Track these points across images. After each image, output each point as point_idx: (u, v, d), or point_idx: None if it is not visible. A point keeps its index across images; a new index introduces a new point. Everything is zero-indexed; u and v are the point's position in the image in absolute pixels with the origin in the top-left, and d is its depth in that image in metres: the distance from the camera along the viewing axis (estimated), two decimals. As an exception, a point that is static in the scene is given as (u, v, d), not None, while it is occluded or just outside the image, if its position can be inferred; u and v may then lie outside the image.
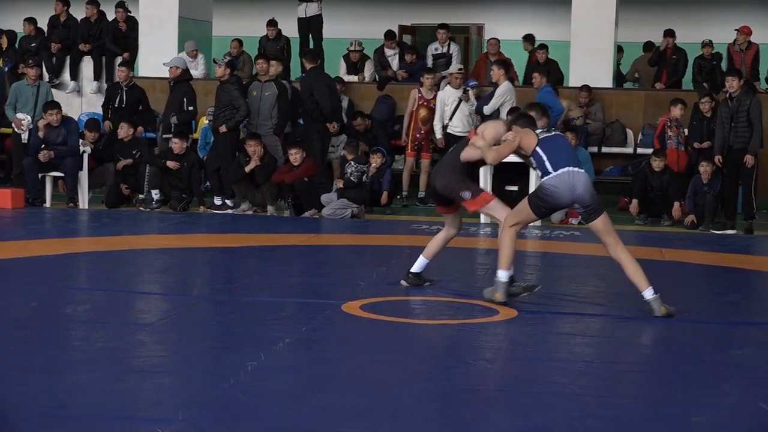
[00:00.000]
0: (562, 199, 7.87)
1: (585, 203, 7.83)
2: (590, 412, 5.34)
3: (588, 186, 7.84)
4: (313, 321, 7.33)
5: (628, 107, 16.84)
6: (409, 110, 15.43)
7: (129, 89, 15.49)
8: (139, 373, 5.84)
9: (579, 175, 7.83)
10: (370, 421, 5.07)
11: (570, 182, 7.79)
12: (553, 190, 7.81)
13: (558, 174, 7.80)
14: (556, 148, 7.91)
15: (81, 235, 12.59)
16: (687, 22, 22.80)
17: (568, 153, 7.95)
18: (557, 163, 7.83)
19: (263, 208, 14.28)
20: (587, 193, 7.82)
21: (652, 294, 7.76)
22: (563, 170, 7.80)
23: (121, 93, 15.45)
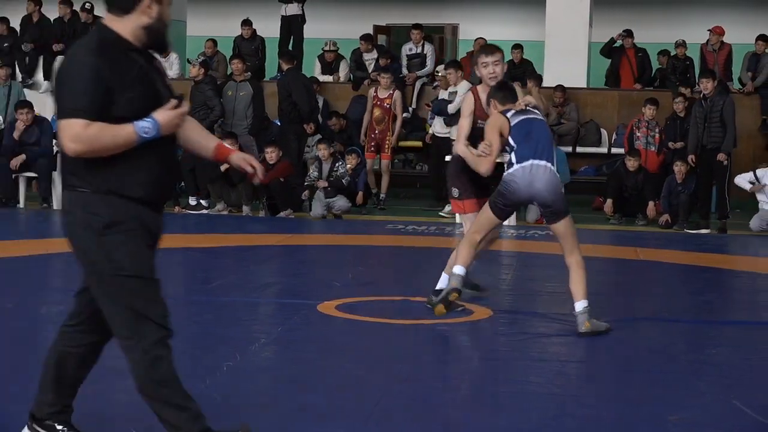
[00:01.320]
0: (519, 194, 7.18)
1: (544, 202, 7.18)
2: (567, 412, 5.35)
3: (550, 184, 7.13)
4: (289, 321, 7.31)
5: (603, 107, 16.90)
6: (369, 110, 15.36)
7: None
8: (115, 374, 5.80)
9: (541, 170, 7.14)
10: (345, 422, 5.06)
11: (529, 176, 7.12)
12: (511, 185, 7.16)
13: (521, 166, 7.14)
14: (525, 136, 7.21)
15: (55, 235, 12.51)
16: (660, 22, 22.92)
17: (537, 143, 7.20)
18: (523, 154, 7.17)
19: (238, 209, 14.25)
20: (547, 191, 7.12)
21: (583, 308, 7.14)
22: (526, 163, 7.13)
23: None
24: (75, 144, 3.95)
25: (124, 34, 4.06)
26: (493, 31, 21.85)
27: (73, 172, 4.09)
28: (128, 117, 3.98)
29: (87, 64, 3.96)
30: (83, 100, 3.92)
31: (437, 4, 24.24)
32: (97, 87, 3.93)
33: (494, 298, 8.08)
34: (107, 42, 4.03)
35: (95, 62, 3.96)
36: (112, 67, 3.97)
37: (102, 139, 3.96)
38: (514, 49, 17.67)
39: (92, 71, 3.94)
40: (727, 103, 13.55)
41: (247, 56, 16.27)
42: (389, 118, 15.13)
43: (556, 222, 7.19)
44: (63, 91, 3.97)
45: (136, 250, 4.17)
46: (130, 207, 4.10)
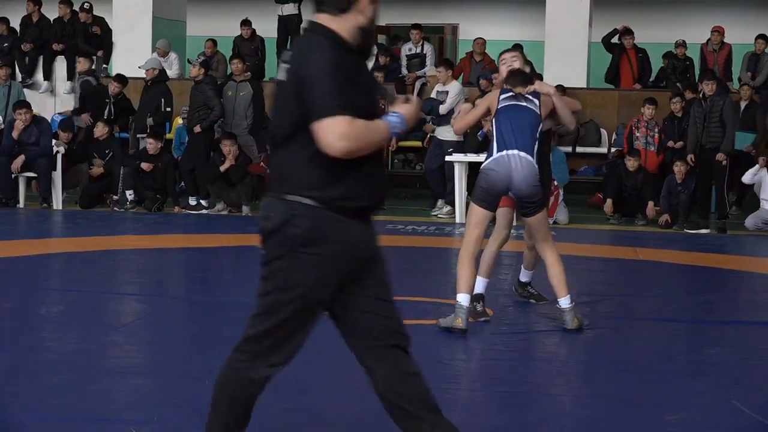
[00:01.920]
0: (497, 184, 7.01)
1: (520, 194, 7.05)
2: (565, 412, 5.36)
3: (528, 177, 6.98)
4: (288, 321, 7.30)
5: (602, 107, 16.88)
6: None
7: (117, 101, 15.43)
8: (113, 374, 5.82)
9: (520, 161, 7.00)
10: (344, 423, 5.06)
11: (508, 166, 6.98)
12: (489, 174, 7.03)
13: (499, 155, 7.02)
14: (509, 121, 7.12)
15: (55, 235, 12.53)
16: (660, 22, 22.92)
17: (519, 132, 7.08)
18: (503, 142, 7.05)
19: (238, 209, 14.25)
20: (525, 184, 6.99)
21: (569, 303, 7.14)
22: (504, 152, 7.01)
23: (109, 105, 15.36)
24: (343, 142, 3.75)
25: (342, 34, 3.93)
26: (492, 31, 21.84)
27: (288, 181, 3.90)
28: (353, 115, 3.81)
29: (330, 62, 3.82)
30: (339, 98, 3.77)
31: (437, 4, 24.23)
32: (343, 84, 3.80)
33: (494, 298, 8.08)
34: (335, 40, 3.90)
35: (337, 59, 3.84)
36: (345, 65, 3.86)
37: (367, 135, 3.82)
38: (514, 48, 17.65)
39: (337, 68, 3.81)
40: (727, 104, 13.56)
41: (246, 56, 16.26)
42: None
43: (532, 215, 7.12)
44: (312, 92, 3.79)
45: (321, 276, 3.96)
46: (338, 223, 3.91)
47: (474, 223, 7.16)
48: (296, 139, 3.86)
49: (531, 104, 7.25)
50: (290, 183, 3.88)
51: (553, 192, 14.01)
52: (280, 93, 3.95)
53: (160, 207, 14.23)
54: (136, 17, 17.91)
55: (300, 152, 3.86)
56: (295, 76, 3.86)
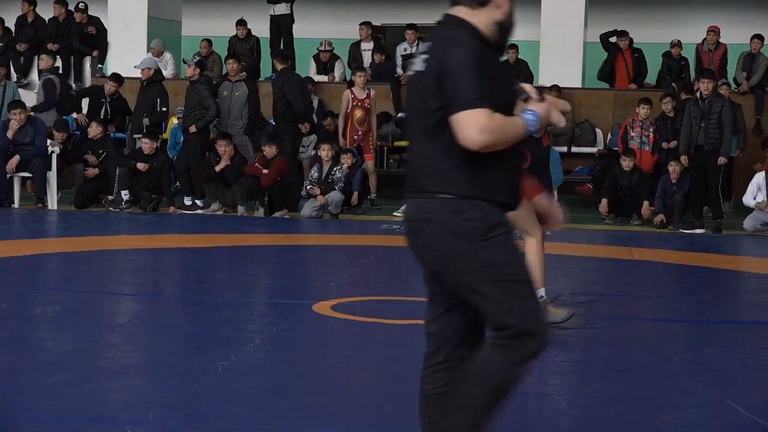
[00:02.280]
0: None
1: None
2: (561, 412, 5.36)
3: None
4: (284, 321, 7.31)
5: (598, 107, 16.89)
6: (344, 112, 15.01)
7: (113, 100, 15.42)
8: (109, 375, 5.82)
9: None
10: (340, 422, 5.06)
11: None
12: None
13: None
14: None
15: (50, 235, 12.52)
16: (655, 22, 22.93)
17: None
18: None
19: (233, 209, 14.24)
20: None
21: (541, 297, 6.89)
22: None
23: (105, 104, 15.34)
24: (483, 135, 3.70)
25: (480, 28, 3.90)
26: (488, 31, 21.83)
27: (434, 177, 3.83)
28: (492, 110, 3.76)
29: (473, 55, 3.78)
30: (479, 90, 3.71)
31: (432, 4, 24.07)
32: (483, 77, 3.76)
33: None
34: (475, 35, 3.86)
35: (479, 52, 3.79)
36: (485, 59, 3.82)
37: (505, 130, 3.76)
38: (509, 49, 17.66)
39: (478, 61, 3.76)
40: (725, 105, 13.58)
41: (242, 56, 16.27)
42: (369, 117, 15.03)
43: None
44: (453, 84, 3.74)
45: (515, 254, 3.91)
46: (497, 211, 3.86)
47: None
48: (439, 133, 3.80)
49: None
50: (437, 179, 3.81)
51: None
52: (418, 86, 3.88)
53: (155, 207, 14.23)
54: (131, 17, 17.89)
55: (445, 146, 3.80)
56: (435, 68, 3.81)
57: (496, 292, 3.82)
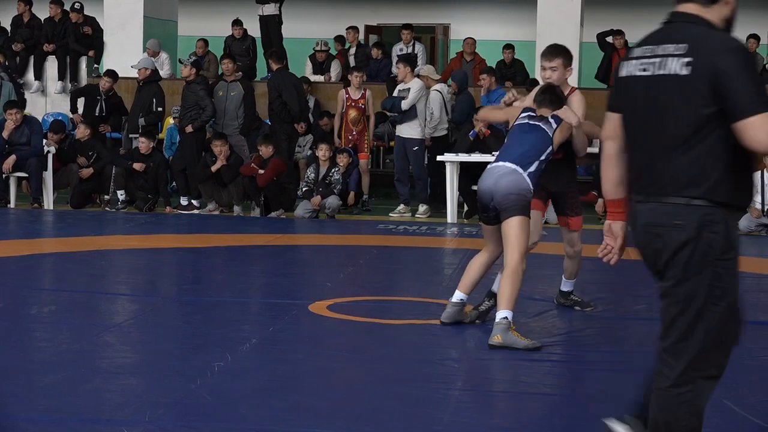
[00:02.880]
0: (480, 193, 6.96)
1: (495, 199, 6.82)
2: (557, 411, 5.37)
3: (502, 182, 6.79)
4: (280, 321, 7.32)
5: (594, 107, 16.73)
6: (339, 111, 15.05)
7: (108, 98, 15.40)
8: (106, 375, 5.82)
9: (499, 169, 6.88)
10: (336, 422, 5.07)
11: (488, 175, 6.91)
12: (479, 186, 7.02)
13: (489, 167, 7.03)
14: (513, 138, 7.10)
15: (46, 235, 12.52)
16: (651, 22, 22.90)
17: (515, 147, 6.98)
18: (498, 156, 7.07)
19: (230, 209, 14.25)
20: (497, 187, 6.79)
21: (502, 318, 6.63)
22: (494, 163, 7.00)
23: (100, 102, 15.33)
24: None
25: (716, 24, 3.83)
26: (484, 31, 21.85)
27: (690, 183, 3.73)
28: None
29: (750, 56, 3.71)
30: (765, 94, 3.61)
31: (428, 4, 24.23)
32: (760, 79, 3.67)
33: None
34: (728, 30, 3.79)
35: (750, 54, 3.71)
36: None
37: None
38: (506, 49, 17.71)
39: (754, 62, 3.68)
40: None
41: (237, 56, 16.27)
42: (364, 117, 15.04)
43: (505, 218, 6.79)
44: (738, 87, 3.63)
45: (737, 281, 3.84)
46: (736, 227, 3.81)
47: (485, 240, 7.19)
48: (701, 138, 3.71)
49: (546, 126, 7.08)
50: (697, 186, 3.72)
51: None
52: (674, 89, 3.76)
53: (151, 207, 14.23)
54: (127, 17, 17.89)
55: (706, 152, 3.70)
56: (709, 71, 3.68)
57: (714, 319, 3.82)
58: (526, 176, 6.86)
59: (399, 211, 14.29)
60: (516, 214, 6.77)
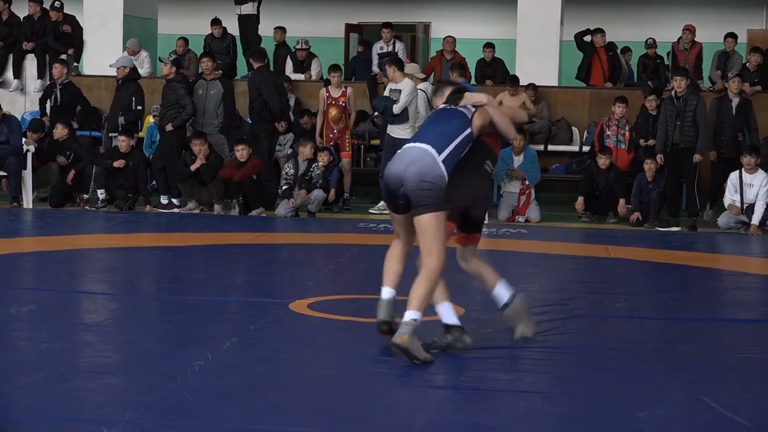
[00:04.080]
0: (388, 179, 6.36)
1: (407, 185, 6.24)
2: (537, 410, 5.37)
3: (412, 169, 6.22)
4: (260, 320, 7.31)
5: (574, 105, 16.94)
6: (321, 110, 15.01)
7: (63, 87, 15.26)
8: (85, 374, 5.80)
9: (410, 152, 6.34)
10: (317, 421, 5.06)
11: (396, 158, 6.37)
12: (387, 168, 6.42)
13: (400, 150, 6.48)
14: (425, 122, 6.75)
15: (25, 234, 12.46)
16: (631, 20, 23.02)
17: (429, 128, 6.52)
18: (411, 137, 6.62)
19: (210, 207, 14.22)
20: (408, 174, 6.22)
21: (411, 319, 6.18)
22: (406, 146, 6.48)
23: (55, 91, 15.24)
24: None
25: None
26: (465, 30, 21.86)
27: None
28: None
29: None
30: None
31: (409, 3, 24.24)
32: None
33: (467, 297, 8.08)
34: None
35: None
36: None
37: None
38: (486, 47, 17.72)
39: None
40: (700, 104, 13.66)
41: (217, 54, 16.23)
42: (345, 116, 15.03)
43: (419, 214, 6.25)
44: None
45: None
46: None
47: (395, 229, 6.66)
48: None
49: (465, 110, 6.60)
50: None
51: (524, 191, 14.08)
52: None
53: (131, 206, 14.19)
54: (107, 15, 17.83)
55: None
56: None
57: None
58: (440, 161, 6.27)
59: (379, 207, 14.28)
60: (430, 210, 6.21)
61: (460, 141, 6.41)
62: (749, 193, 13.27)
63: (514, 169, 14.13)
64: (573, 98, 17.03)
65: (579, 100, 16.99)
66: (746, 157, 13.32)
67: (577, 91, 17.28)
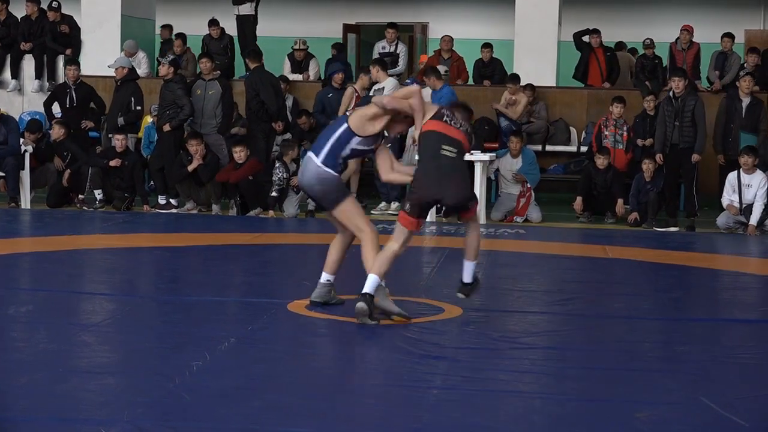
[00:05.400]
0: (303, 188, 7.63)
1: (310, 193, 7.58)
2: (535, 410, 5.37)
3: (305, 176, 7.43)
4: (258, 320, 7.30)
5: (572, 106, 16.95)
6: (344, 108, 14.85)
7: (77, 87, 15.27)
8: (83, 374, 5.80)
9: (307, 161, 7.43)
10: (315, 422, 5.06)
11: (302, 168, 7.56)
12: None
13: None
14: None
15: (23, 235, 12.46)
16: (629, 20, 23.03)
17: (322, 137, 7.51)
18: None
19: (208, 207, 14.21)
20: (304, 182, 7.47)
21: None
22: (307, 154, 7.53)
23: (69, 92, 15.22)
24: None
25: None
26: (462, 30, 21.88)
27: None
28: None
29: None
30: None
31: (407, 3, 24.25)
32: None
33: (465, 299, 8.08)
34: None
35: None
36: None
37: None
38: (484, 47, 17.73)
39: None
40: (698, 104, 13.67)
41: (215, 55, 16.23)
42: None
43: (331, 210, 7.52)
44: None
45: None
46: None
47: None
48: None
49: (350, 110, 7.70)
50: None
51: (525, 193, 14.07)
52: None
53: (129, 206, 14.18)
54: (104, 15, 17.83)
55: None
56: None
57: None
58: (319, 162, 7.34)
59: (380, 208, 14.28)
60: (335, 204, 7.43)
61: (336, 138, 7.37)
62: (747, 194, 13.28)
63: (517, 173, 14.11)
64: (571, 98, 17.04)
65: (577, 100, 16.99)
66: (743, 157, 13.33)
67: (575, 92, 17.29)
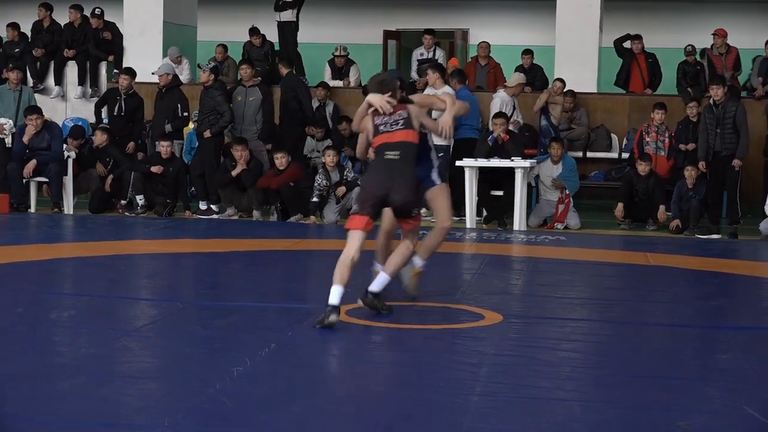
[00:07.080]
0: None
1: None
2: (575, 417, 5.35)
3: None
4: (298, 326, 7.31)
5: (613, 112, 16.88)
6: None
7: (128, 97, 15.32)
8: (124, 379, 5.82)
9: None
10: (356, 428, 5.06)
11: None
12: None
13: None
14: None
15: (66, 240, 12.55)
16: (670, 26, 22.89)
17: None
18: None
19: (249, 213, 14.26)
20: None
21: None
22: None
23: (120, 101, 15.29)
24: None
25: None
26: (503, 36, 21.86)
27: None
28: None
29: None
30: None
31: (447, 9, 24.23)
32: None
33: (505, 303, 8.07)
34: None
35: None
36: None
37: None
38: (525, 54, 17.69)
39: None
40: (739, 110, 13.58)
41: (256, 61, 16.31)
42: None
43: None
44: None
45: None
46: None
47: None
48: None
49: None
50: None
51: (563, 200, 14.02)
52: None
53: (170, 212, 14.26)
54: (146, 22, 17.97)
55: None
56: None
57: None
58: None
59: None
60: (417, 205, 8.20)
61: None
62: (791, 200, 13.18)
63: (557, 179, 14.07)
64: (612, 105, 16.97)
65: (618, 106, 16.92)
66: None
67: (616, 98, 17.21)
